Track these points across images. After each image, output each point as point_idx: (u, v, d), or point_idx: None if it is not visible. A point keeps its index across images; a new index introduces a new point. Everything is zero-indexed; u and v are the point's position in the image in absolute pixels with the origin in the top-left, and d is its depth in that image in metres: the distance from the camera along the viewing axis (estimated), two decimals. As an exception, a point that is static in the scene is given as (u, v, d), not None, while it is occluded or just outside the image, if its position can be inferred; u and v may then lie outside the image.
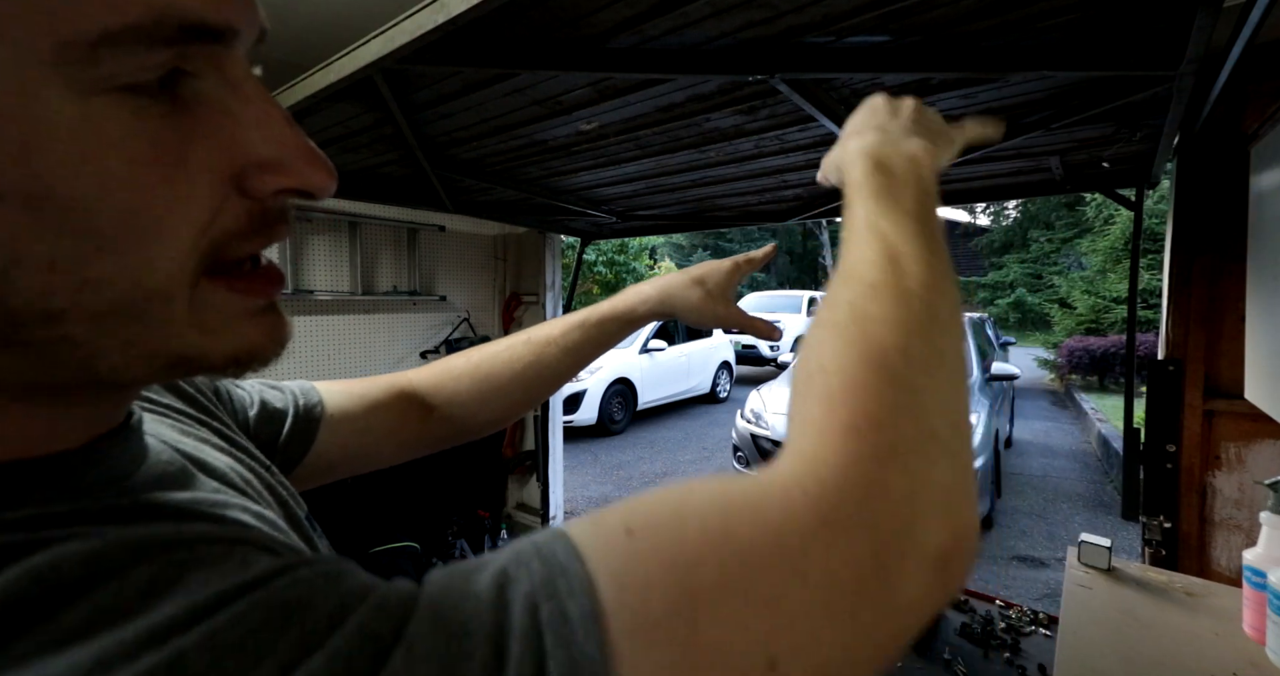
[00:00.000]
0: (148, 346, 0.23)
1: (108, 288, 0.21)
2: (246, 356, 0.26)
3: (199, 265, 0.23)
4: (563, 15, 1.00)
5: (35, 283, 0.20)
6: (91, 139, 0.20)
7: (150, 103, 0.21)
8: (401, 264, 3.21)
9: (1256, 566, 0.85)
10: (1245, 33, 0.87)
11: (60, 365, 0.22)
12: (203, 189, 0.23)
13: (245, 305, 0.26)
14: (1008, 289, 18.03)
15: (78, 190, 0.20)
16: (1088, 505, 4.71)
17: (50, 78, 0.19)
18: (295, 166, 0.25)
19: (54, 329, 0.21)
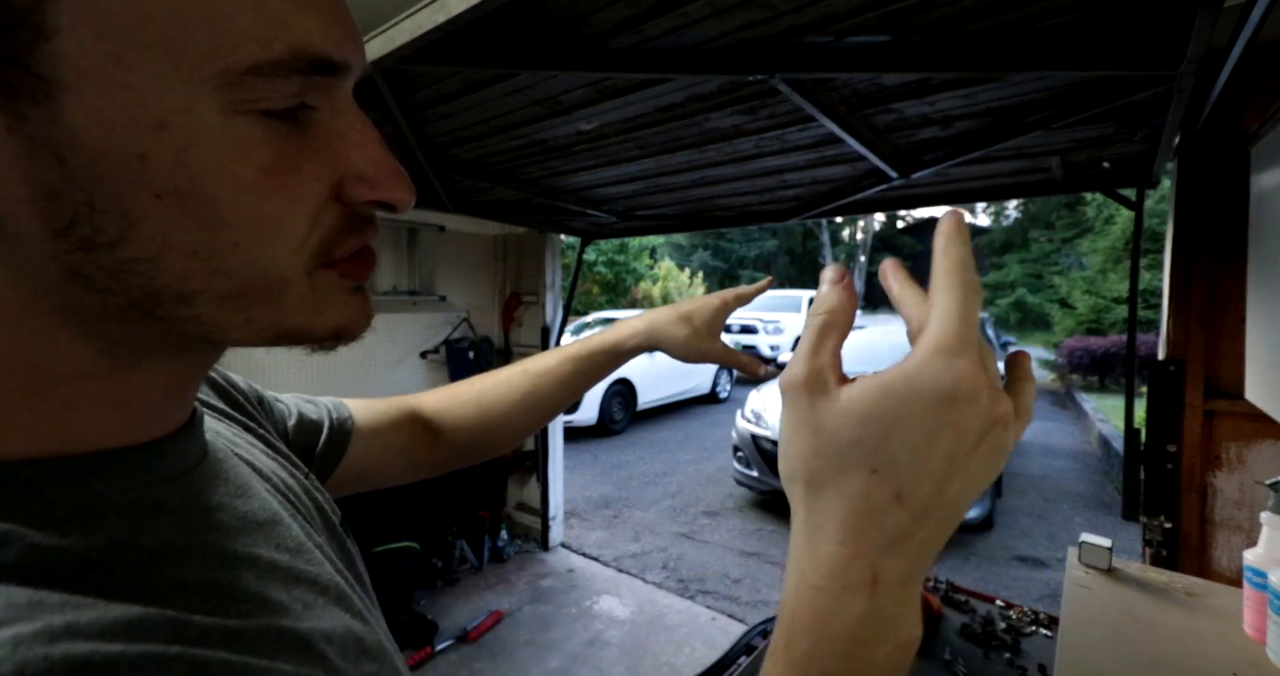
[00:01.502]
0: (264, 322, 0.27)
1: (235, 275, 0.25)
2: (344, 330, 0.30)
3: (312, 259, 0.27)
4: (563, 15, 1.00)
5: (178, 268, 0.24)
6: (232, 149, 0.24)
7: (277, 122, 0.25)
8: (401, 264, 3.21)
9: (1257, 566, 0.85)
10: (1245, 33, 0.87)
11: (184, 338, 0.26)
12: (311, 195, 0.27)
13: (345, 286, 0.30)
14: (1008, 289, 18.03)
15: (219, 192, 0.24)
16: (1088, 505, 4.71)
17: (209, 97, 0.23)
18: (384, 182, 0.29)
19: (186, 309, 0.25)
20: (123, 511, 0.26)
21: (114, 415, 0.27)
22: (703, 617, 2.98)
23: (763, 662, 0.28)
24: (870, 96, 1.30)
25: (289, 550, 0.32)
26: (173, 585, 0.24)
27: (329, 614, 0.30)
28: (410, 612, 2.75)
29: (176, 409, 0.31)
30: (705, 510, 4.66)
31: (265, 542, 0.31)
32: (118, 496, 0.26)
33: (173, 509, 0.28)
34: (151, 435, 0.29)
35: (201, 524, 0.29)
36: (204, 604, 0.25)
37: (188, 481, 0.30)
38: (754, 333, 11.42)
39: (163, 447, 0.29)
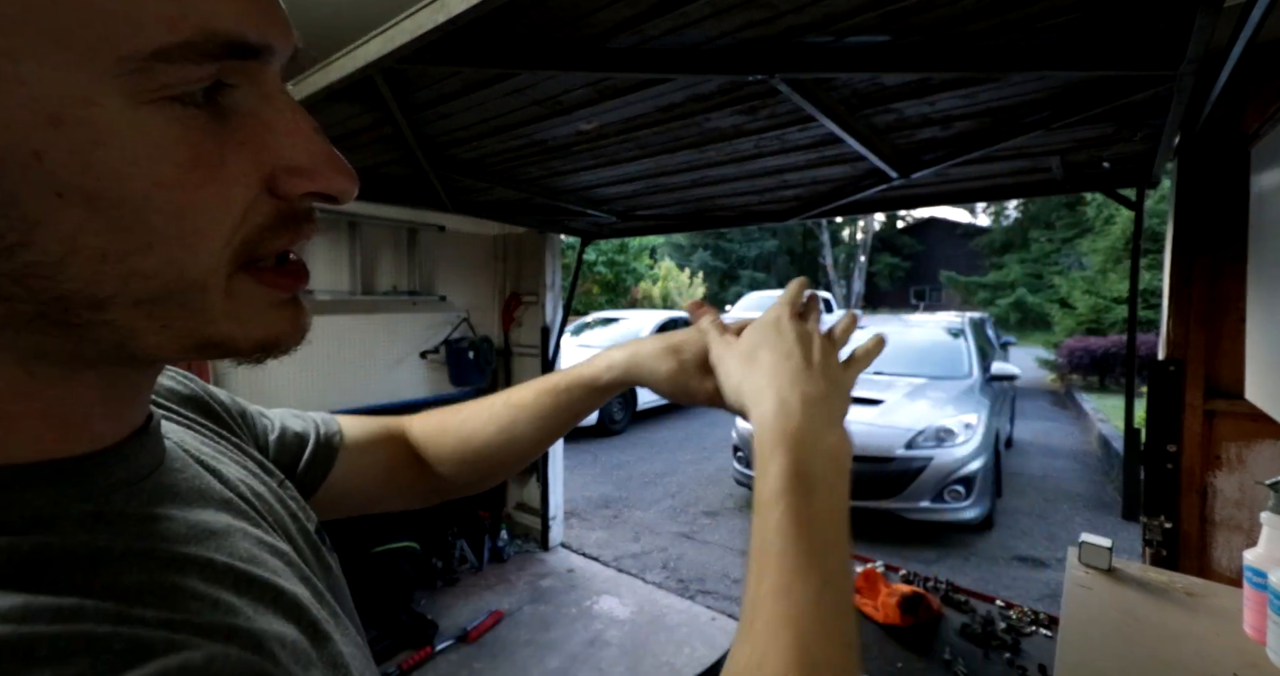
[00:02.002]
0: (182, 329, 0.25)
1: (151, 278, 0.23)
2: (272, 343, 0.29)
3: (233, 259, 0.26)
4: (563, 15, 1.00)
5: (87, 272, 0.22)
6: (142, 144, 0.22)
7: (194, 112, 0.23)
8: (401, 264, 3.21)
9: (1257, 566, 0.85)
10: (1245, 33, 0.87)
11: (100, 344, 0.25)
12: (238, 190, 0.25)
13: (272, 297, 0.28)
14: (1008, 289, 18.02)
15: (129, 190, 0.22)
16: (1088, 505, 4.71)
17: (110, 87, 0.21)
18: (322, 172, 0.27)
19: (99, 314, 0.23)
20: (53, 522, 0.24)
21: (46, 428, 0.26)
22: (703, 617, 2.98)
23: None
24: (870, 96, 1.30)
25: (243, 558, 0.30)
26: (109, 587, 0.23)
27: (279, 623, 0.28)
28: (410, 612, 2.75)
29: (121, 419, 0.30)
30: (705, 510, 4.66)
31: (218, 549, 0.29)
32: (49, 508, 0.25)
33: (113, 518, 0.26)
34: (94, 445, 0.28)
35: (145, 531, 0.27)
36: (146, 602, 0.23)
37: (134, 490, 0.29)
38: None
39: (105, 458, 0.28)
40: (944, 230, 28.09)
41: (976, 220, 28.76)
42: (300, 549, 0.38)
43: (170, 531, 0.28)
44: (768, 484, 0.39)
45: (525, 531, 3.79)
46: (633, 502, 4.78)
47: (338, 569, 0.42)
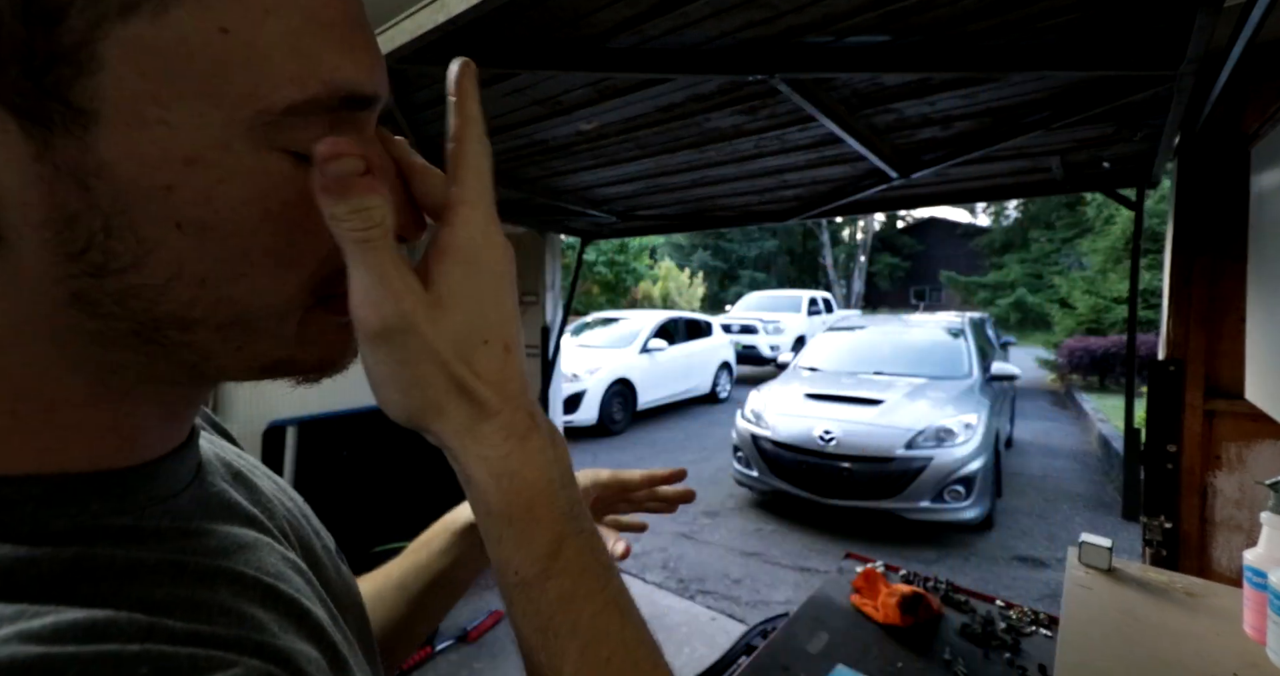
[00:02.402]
0: (254, 351, 0.27)
1: (238, 304, 0.25)
2: (329, 363, 0.30)
3: (312, 294, 0.27)
4: (563, 15, 1.00)
5: (186, 295, 0.24)
6: (259, 185, 0.24)
7: (304, 158, 0.25)
8: (401, 264, 3.21)
9: (1257, 566, 0.85)
10: (1245, 33, 0.87)
11: (179, 363, 0.26)
12: (326, 232, 0.26)
13: (334, 321, 0.29)
14: (1008, 289, 18.02)
15: (241, 225, 0.24)
16: (1088, 505, 4.71)
17: (244, 136, 0.23)
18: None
19: (186, 334, 0.25)
20: (94, 533, 0.25)
21: (102, 441, 0.27)
22: (703, 617, 2.98)
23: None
24: (870, 96, 1.30)
25: (270, 573, 0.30)
26: (141, 600, 0.23)
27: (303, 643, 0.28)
28: (410, 612, 2.75)
29: (169, 433, 0.30)
30: (705, 510, 4.66)
31: (246, 563, 0.29)
32: (91, 520, 0.25)
33: (151, 531, 0.27)
34: (142, 458, 0.29)
35: (179, 544, 0.27)
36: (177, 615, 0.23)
37: (172, 504, 0.29)
38: (754, 332, 11.42)
39: (151, 470, 0.29)
40: (944, 230, 28.10)
41: (976, 220, 28.78)
42: (323, 568, 0.38)
43: (202, 545, 0.28)
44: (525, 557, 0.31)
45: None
46: (633, 502, 4.78)
47: (356, 589, 0.42)
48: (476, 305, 0.29)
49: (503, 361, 0.30)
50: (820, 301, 13.23)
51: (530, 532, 0.30)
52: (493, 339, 0.30)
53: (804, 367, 5.73)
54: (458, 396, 0.29)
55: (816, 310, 12.85)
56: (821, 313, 12.90)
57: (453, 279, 0.29)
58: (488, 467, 0.30)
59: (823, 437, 4.13)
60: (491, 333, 0.30)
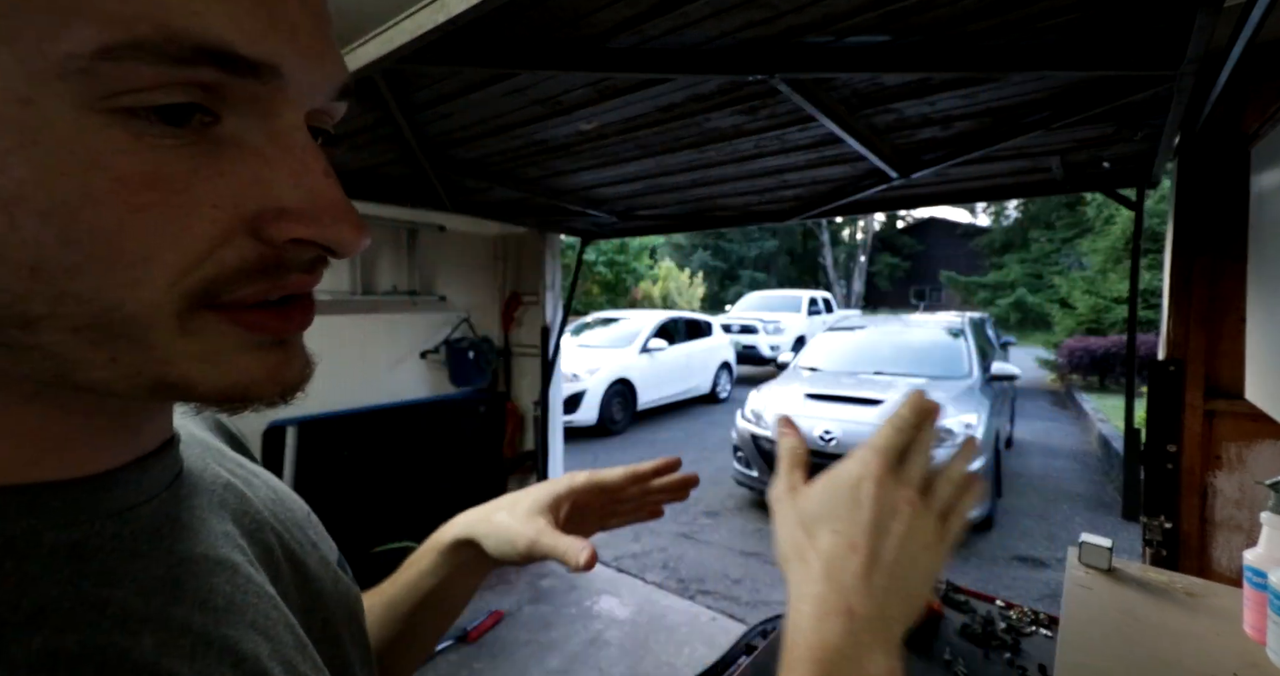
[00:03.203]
0: (131, 366, 0.23)
1: (86, 304, 0.21)
2: (240, 392, 0.25)
3: (187, 297, 0.23)
4: (563, 15, 1.00)
5: (16, 285, 0.20)
6: (80, 153, 0.20)
7: (161, 129, 0.21)
8: (401, 264, 3.21)
9: (1257, 566, 0.85)
10: (1246, 32, 0.87)
11: (37, 369, 0.22)
12: (200, 223, 0.22)
13: (246, 338, 0.25)
14: (1008, 289, 18.01)
15: (60, 200, 0.20)
16: (1088, 505, 4.71)
17: (52, 87, 0.19)
18: (320, 219, 0.24)
19: (31, 335, 0.21)
20: (25, 553, 0.22)
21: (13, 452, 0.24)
22: (703, 617, 2.98)
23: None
24: (870, 96, 1.30)
25: (215, 609, 0.27)
26: (43, 652, 0.21)
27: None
28: (410, 612, 2.75)
29: (116, 444, 0.27)
30: (705, 510, 4.66)
31: (191, 595, 0.27)
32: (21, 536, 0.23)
33: (92, 550, 0.24)
34: (82, 471, 0.26)
35: (113, 574, 0.25)
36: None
37: (128, 516, 0.27)
38: (754, 332, 11.42)
39: (98, 482, 0.26)
40: (944, 230, 28.10)
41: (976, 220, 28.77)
42: (315, 581, 0.37)
43: (144, 572, 0.26)
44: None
45: (525, 531, 3.79)
46: (633, 502, 4.78)
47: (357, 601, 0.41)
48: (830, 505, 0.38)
49: (840, 551, 0.36)
50: (820, 301, 13.23)
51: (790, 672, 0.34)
52: (838, 535, 0.36)
53: (804, 368, 5.73)
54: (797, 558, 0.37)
55: (816, 310, 12.84)
56: (821, 313, 12.89)
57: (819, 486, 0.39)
58: (793, 617, 0.36)
59: (823, 438, 4.13)
60: (840, 527, 0.36)
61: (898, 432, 0.38)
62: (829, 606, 0.34)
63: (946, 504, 0.38)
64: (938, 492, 0.38)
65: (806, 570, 0.36)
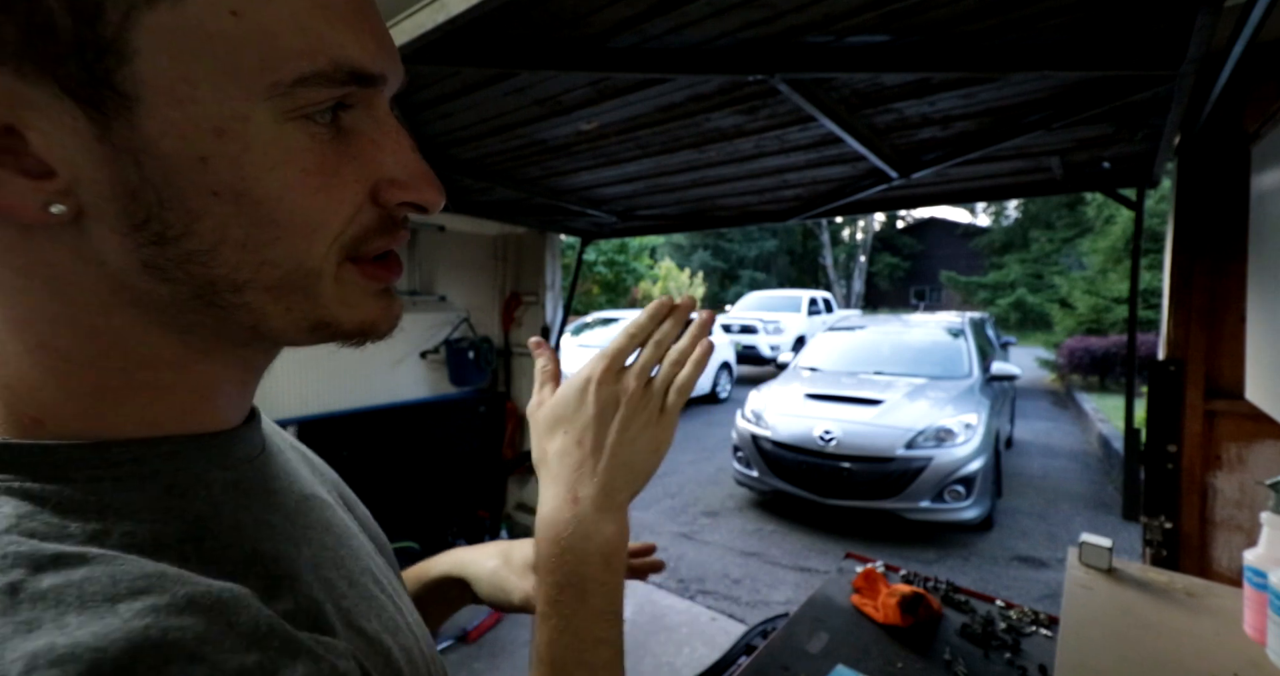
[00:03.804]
0: (301, 312, 0.30)
1: (279, 266, 0.28)
2: (370, 327, 0.33)
3: (342, 253, 0.30)
4: (563, 15, 1.00)
5: (233, 259, 0.27)
6: (280, 153, 0.27)
7: (320, 129, 0.28)
8: (401, 264, 3.21)
9: (1257, 566, 0.85)
10: (1246, 32, 0.87)
11: (240, 324, 0.30)
12: (349, 195, 0.30)
13: (370, 286, 0.33)
14: (1008, 288, 18.01)
15: (265, 190, 0.27)
16: (1088, 505, 4.71)
17: (262, 107, 0.26)
18: (416, 185, 0.32)
19: (238, 296, 0.28)
20: (209, 487, 0.31)
21: (195, 402, 0.32)
22: (703, 618, 2.98)
23: None
24: (870, 96, 1.30)
25: (335, 534, 0.37)
26: (248, 556, 0.29)
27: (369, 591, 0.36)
28: (410, 612, 2.75)
29: (242, 402, 0.35)
30: (705, 510, 4.66)
31: (317, 522, 0.36)
32: (205, 474, 0.31)
33: (246, 489, 0.33)
34: (228, 423, 0.34)
35: (266, 504, 0.33)
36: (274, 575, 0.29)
37: (255, 465, 0.35)
38: (754, 332, 11.41)
39: (236, 434, 0.34)
40: (944, 230, 28.09)
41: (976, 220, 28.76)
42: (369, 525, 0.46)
43: (283, 504, 0.35)
44: (541, 595, 0.41)
45: (525, 531, 3.79)
46: (632, 502, 4.78)
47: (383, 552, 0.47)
48: (562, 410, 0.45)
49: (568, 447, 0.44)
50: (820, 301, 13.22)
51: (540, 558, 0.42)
52: (567, 434, 0.44)
53: (804, 367, 5.72)
54: (540, 464, 0.45)
55: (816, 310, 12.83)
56: (821, 312, 12.88)
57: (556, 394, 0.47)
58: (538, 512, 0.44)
59: (823, 438, 4.13)
60: (568, 428, 0.44)
61: (629, 337, 0.46)
62: (559, 499, 0.42)
63: (666, 382, 0.45)
64: (661, 371, 0.45)
65: (546, 471, 0.44)
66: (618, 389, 0.44)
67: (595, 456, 0.43)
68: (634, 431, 0.44)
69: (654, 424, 0.44)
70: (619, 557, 0.42)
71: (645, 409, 0.44)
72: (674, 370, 0.45)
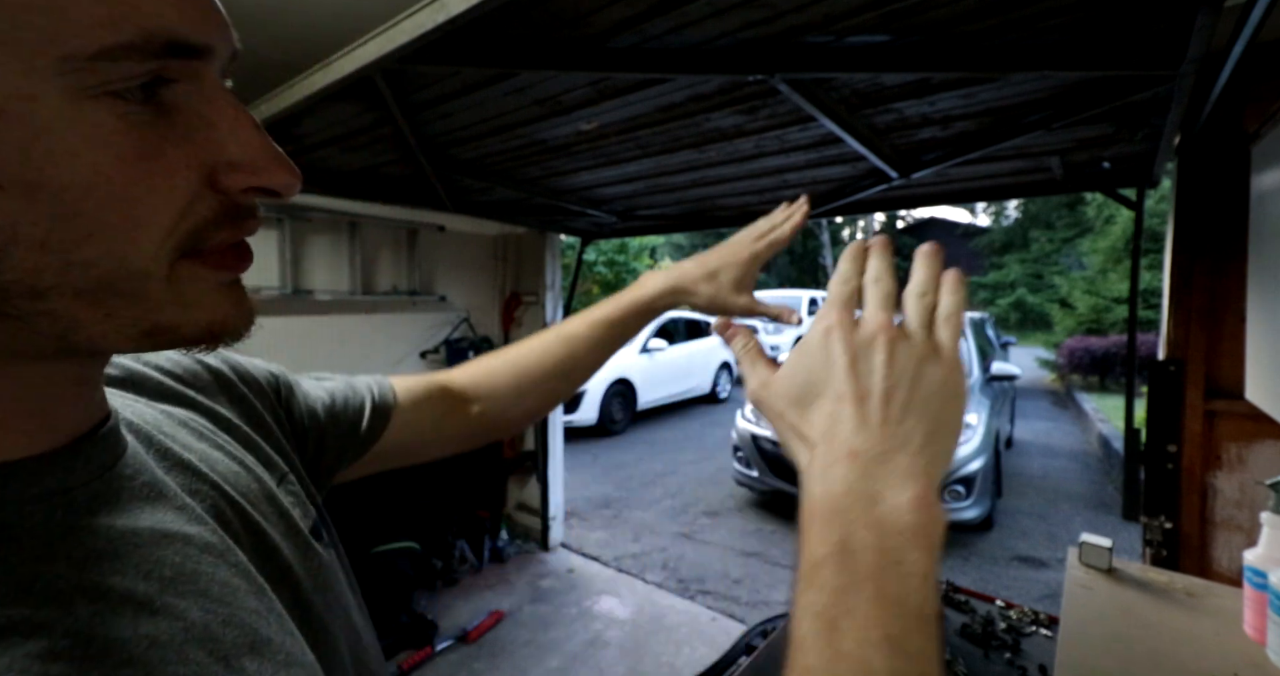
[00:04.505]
0: (126, 318, 0.26)
1: (92, 268, 0.24)
2: (218, 327, 0.28)
3: (176, 249, 0.26)
4: (563, 15, 1.00)
5: (28, 261, 0.23)
6: (83, 137, 0.23)
7: (136, 108, 0.24)
8: (401, 264, 3.21)
9: (1257, 566, 0.85)
10: (1246, 32, 0.87)
11: (40, 335, 0.25)
12: (179, 183, 0.25)
13: (216, 278, 0.28)
14: (1008, 289, 18.02)
15: (70, 181, 0.23)
16: (1088, 505, 4.71)
17: (51, 84, 0.22)
18: (262, 166, 0.28)
19: (39, 303, 0.24)
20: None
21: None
22: (703, 617, 2.98)
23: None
24: (870, 96, 1.30)
25: (160, 579, 0.28)
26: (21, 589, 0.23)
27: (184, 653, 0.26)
28: (410, 613, 2.75)
29: (57, 423, 0.29)
30: (705, 510, 4.66)
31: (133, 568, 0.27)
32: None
33: (20, 534, 0.25)
34: (20, 453, 0.27)
35: (44, 551, 0.25)
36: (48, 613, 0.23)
37: (55, 503, 0.27)
38: (754, 332, 11.41)
39: (33, 465, 0.27)
40: (944, 230, 28.07)
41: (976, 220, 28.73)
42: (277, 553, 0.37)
43: (81, 547, 0.27)
44: (804, 558, 0.32)
45: (525, 531, 3.79)
46: (633, 502, 4.78)
47: (334, 566, 0.42)
48: (807, 374, 0.37)
49: (829, 408, 0.35)
50: (820, 301, 13.22)
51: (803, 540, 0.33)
52: (825, 399, 0.35)
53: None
54: (797, 440, 0.36)
55: (816, 310, 12.83)
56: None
57: (787, 366, 0.38)
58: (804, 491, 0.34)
59: (823, 437, 4.13)
60: (824, 388, 0.36)
61: (843, 283, 0.38)
62: (827, 461, 0.33)
63: (927, 312, 0.36)
64: (910, 310, 0.36)
65: (806, 445, 0.35)
66: (866, 332, 0.35)
67: (863, 406, 0.33)
68: (909, 370, 0.34)
69: (932, 360, 0.34)
70: (924, 531, 0.30)
71: (911, 344, 0.35)
72: (924, 301, 0.36)
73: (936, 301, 0.36)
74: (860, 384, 0.34)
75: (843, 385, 0.34)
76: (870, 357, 0.34)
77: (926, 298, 0.36)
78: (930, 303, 0.36)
